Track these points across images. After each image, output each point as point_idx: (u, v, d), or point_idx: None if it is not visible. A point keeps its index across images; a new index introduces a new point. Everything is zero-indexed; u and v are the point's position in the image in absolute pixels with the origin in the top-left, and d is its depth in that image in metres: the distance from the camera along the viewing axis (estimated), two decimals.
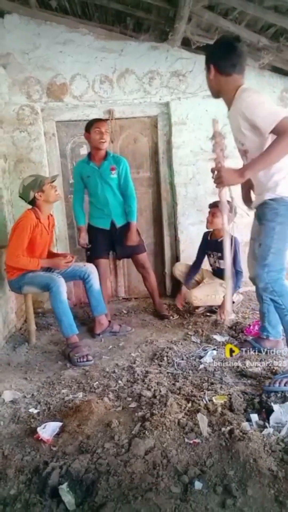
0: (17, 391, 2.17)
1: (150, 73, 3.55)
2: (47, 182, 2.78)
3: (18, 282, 2.76)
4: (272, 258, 2.05)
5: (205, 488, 1.37)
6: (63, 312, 2.60)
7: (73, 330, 2.63)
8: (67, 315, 2.62)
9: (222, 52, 2.03)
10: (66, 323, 2.61)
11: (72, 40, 3.42)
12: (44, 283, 2.66)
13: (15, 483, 1.46)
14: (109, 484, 1.39)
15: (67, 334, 2.62)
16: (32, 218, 2.72)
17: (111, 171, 3.06)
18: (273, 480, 1.39)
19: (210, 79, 2.08)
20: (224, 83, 2.04)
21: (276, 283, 2.07)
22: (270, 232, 2.05)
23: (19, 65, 3.40)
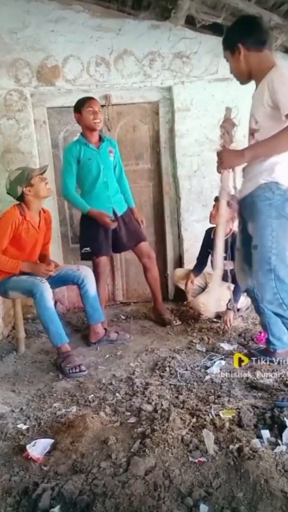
0: (4, 405, 2.18)
1: (150, 55, 3.56)
2: (35, 174, 2.77)
3: (3, 286, 2.76)
4: (276, 261, 1.90)
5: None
6: (49, 320, 2.60)
7: (62, 339, 2.63)
8: (54, 323, 2.61)
9: (248, 29, 2.02)
10: (54, 332, 2.61)
11: (65, 18, 3.42)
12: (27, 289, 2.66)
13: (2, 506, 1.46)
14: (105, 507, 1.39)
15: (56, 343, 2.63)
16: (15, 215, 2.72)
17: (110, 153, 3.08)
18: (286, 502, 1.38)
19: (239, 61, 2.03)
20: (257, 60, 2.01)
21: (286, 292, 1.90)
22: (267, 229, 1.91)
23: (6, 46, 3.40)
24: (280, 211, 1.92)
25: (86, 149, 3.03)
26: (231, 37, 2.06)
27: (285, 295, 1.91)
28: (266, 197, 1.93)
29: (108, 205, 3.08)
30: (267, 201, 1.92)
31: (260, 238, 1.94)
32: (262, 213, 1.94)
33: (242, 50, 2.01)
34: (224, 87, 3.59)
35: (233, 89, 3.51)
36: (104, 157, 3.06)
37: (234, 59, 2.05)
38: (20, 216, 2.74)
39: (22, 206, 2.79)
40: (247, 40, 1.99)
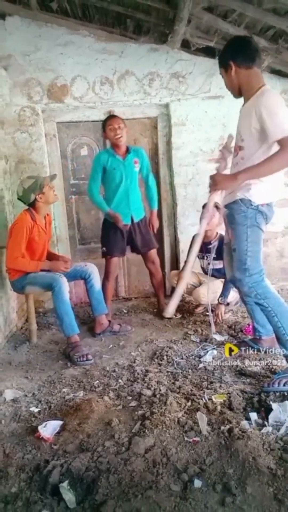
0: (18, 390, 2.18)
1: (150, 75, 3.56)
2: (46, 183, 2.79)
3: (21, 283, 2.76)
4: (250, 261, 2.03)
5: (205, 486, 1.37)
6: (65, 312, 2.60)
7: (74, 329, 2.63)
8: (68, 315, 2.62)
9: (238, 47, 2.03)
10: (67, 323, 2.61)
11: (73, 42, 3.42)
12: (46, 283, 2.66)
13: (16, 481, 1.46)
14: (109, 482, 1.39)
15: (68, 333, 2.62)
16: (28, 220, 2.73)
17: (135, 164, 3.09)
18: (272, 478, 1.39)
19: (231, 77, 2.05)
20: (246, 77, 2.02)
21: (259, 285, 2.04)
22: (243, 236, 2.04)
23: (20, 67, 3.40)
24: (253, 221, 2.02)
25: (113, 159, 3.02)
26: (225, 55, 2.08)
27: (258, 287, 2.04)
28: (241, 210, 2.02)
29: (127, 211, 3.09)
30: (242, 213, 2.02)
31: (238, 243, 2.06)
32: (238, 223, 2.05)
33: (233, 67, 2.01)
34: (216, 104, 3.60)
35: (224, 106, 3.53)
36: (129, 168, 3.06)
37: (227, 75, 2.07)
38: (31, 221, 2.74)
39: (32, 212, 2.79)
40: (237, 58, 2.00)
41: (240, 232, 2.06)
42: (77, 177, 3.76)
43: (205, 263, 3.29)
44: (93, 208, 3.82)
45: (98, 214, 3.84)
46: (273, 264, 3.83)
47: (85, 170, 3.74)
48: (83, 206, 3.81)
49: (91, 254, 3.81)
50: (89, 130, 3.70)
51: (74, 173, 3.76)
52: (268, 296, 2.04)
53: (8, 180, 3.44)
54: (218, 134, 3.66)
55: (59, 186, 3.55)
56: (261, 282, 2.05)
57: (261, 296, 2.04)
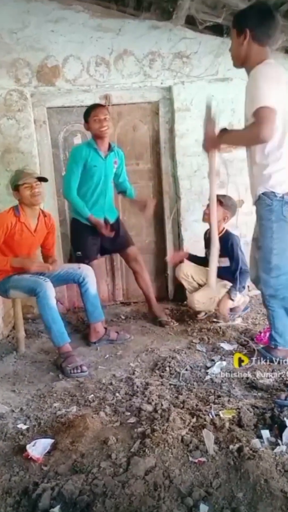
0: (4, 405, 2.17)
1: (150, 55, 3.56)
2: (23, 181, 2.73)
3: (4, 285, 2.76)
4: (276, 260, 2.04)
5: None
6: (52, 319, 2.60)
7: (64, 338, 2.63)
8: (56, 322, 2.61)
9: (261, 19, 2.04)
10: (56, 331, 2.61)
11: (65, 18, 3.42)
12: (29, 287, 2.66)
13: (2, 506, 1.46)
14: (105, 507, 1.39)
15: (57, 343, 2.62)
16: (8, 217, 2.73)
17: (114, 164, 3.11)
18: (286, 502, 1.38)
19: (240, 45, 2.06)
20: (255, 53, 2.05)
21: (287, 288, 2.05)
22: (268, 231, 2.07)
23: (6, 46, 3.40)
24: (279, 215, 2.05)
25: (94, 155, 3.01)
26: (243, 19, 2.07)
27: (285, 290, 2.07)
28: (266, 204, 2.07)
29: (101, 213, 3.12)
30: (267, 207, 2.07)
31: (263, 240, 2.10)
32: (263, 218, 2.10)
33: (248, 36, 2.03)
34: (224, 87, 3.60)
35: (233, 89, 3.53)
36: (109, 167, 3.07)
37: (237, 41, 2.08)
38: (14, 218, 2.74)
39: (18, 208, 2.80)
40: (255, 30, 2.02)
41: (265, 227, 2.09)
42: None
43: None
44: None
45: None
46: None
47: None
48: None
49: None
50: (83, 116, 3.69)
51: (66, 163, 3.75)
52: None
53: None
54: (226, 120, 3.64)
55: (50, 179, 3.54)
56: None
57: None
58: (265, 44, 2.03)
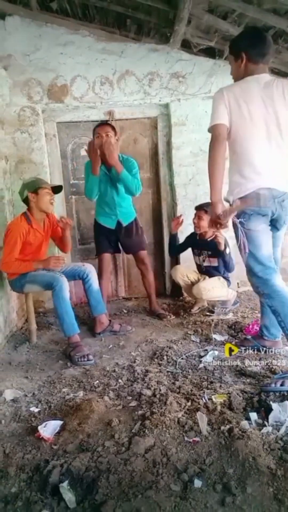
0: (18, 390, 2.17)
1: (150, 75, 3.56)
2: (44, 187, 2.76)
3: (20, 281, 2.76)
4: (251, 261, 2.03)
5: (205, 486, 1.37)
6: (65, 311, 2.60)
7: (74, 329, 2.63)
8: (69, 315, 2.61)
9: (254, 40, 2.02)
10: (68, 322, 2.61)
11: (73, 42, 3.42)
12: (46, 282, 2.66)
13: (16, 481, 1.46)
14: (109, 482, 1.39)
15: (68, 333, 2.62)
16: (23, 226, 2.71)
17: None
18: (272, 478, 1.38)
19: (239, 67, 2.05)
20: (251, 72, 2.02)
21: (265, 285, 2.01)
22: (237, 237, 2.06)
23: (20, 67, 3.40)
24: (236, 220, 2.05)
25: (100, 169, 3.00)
26: (239, 44, 2.06)
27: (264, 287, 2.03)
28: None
29: (114, 217, 3.15)
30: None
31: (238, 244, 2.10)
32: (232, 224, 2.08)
33: (244, 59, 2.02)
34: None
35: None
36: (114, 179, 3.05)
37: (236, 64, 2.07)
38: (27, 226, 2.73)
39: (28, 215, 2.78)
40: (250, 52, 2.00)
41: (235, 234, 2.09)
42: (77, 177, 3.76)
43: (200, 259, 3.32)
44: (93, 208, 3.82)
45: None
46: None
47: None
48: (83, 206, 3.81)
49: (91, 254, 3.80)
50: (89, 130, 3.67)
51: (74, 173, 3.76)
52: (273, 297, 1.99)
53: (8, 180, 3.44)
54: None
55: None
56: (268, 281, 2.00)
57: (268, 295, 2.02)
58: (259, 62, 2.01)
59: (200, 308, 3.37)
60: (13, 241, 2.67)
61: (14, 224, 2.74)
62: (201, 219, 3.15)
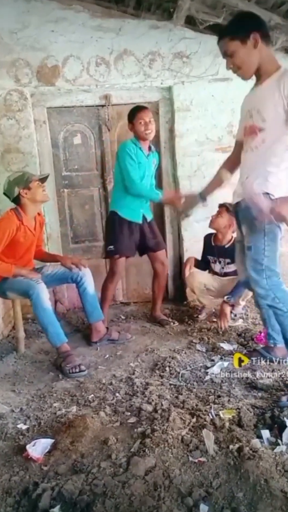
0: (4, 405, 2.17)
1: (150, 55, 3.56)
2: (34, 179, 2.78)
3: (1, 287, 2.76)
4: (267, 262, 2.04)
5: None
6: (47, 321, 2.60)
7: (60, 339, 2.63)
8: (52, 324, 2.61)
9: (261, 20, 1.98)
10: (52, 332, 2.61)
11: (65, 18, 3.42)
12: (23, 290, 2.65)
13: (2, 506, 1.46)
14: (105, 507, 1.39)
15: (55, 343, 2.63)
16: (13, 221, 2.71)
17: (153, 164, 3.17)
18: (286, 502, 1.38)
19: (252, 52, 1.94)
20: (267, 56, 1.97)
21: (278, 288, 2.06)
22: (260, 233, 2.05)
23: (6, 46, 3.40)
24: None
25: (139, 153, 3.03)
26: (244, 24, 1.93)
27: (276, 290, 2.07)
28: None
29: (139, 209, 3.14)
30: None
31: (255, 241, 2.07)
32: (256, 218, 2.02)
33: (258, 40, 1.91)
34: (224, 87, 3.60)
35: (233, 89, 3.53)
36: (150, 166, 3.12)
37: (245, 49, 1.93)
38: (17, 222, 2.73)
39: (19, 211, 2.78)
40: (262, 31, 1.92)
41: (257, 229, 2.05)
42: (70, 168, 3.77)
43: (218, 267, 3.31)
44: (88, 202, 3.83)
45: (94, 210, 3.85)
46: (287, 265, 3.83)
47: (79, 160, 3.75)
48: (77, 201, 3.81)
49: (85, 253, 3.82)
50: (83, 116, 3.70)
51: (66, 163, 3.76)
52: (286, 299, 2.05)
53: None
54: (226, 121, 3.66)
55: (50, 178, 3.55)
56: (280, 284, 2.07)
57: (280, 299, 2.06)
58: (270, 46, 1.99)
59: (208, 314, 3.37)
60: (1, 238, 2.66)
61: (3, 219, 2.74)
62: (220, 217, 3.16)
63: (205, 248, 3.39)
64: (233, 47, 1.96)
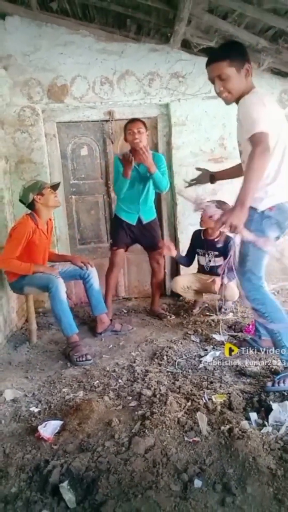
0: (18, 390, 2.18)
1: (150, 75, 3.56)
2: (47, 186, 2.79)
3: (19, 283, 2.76)
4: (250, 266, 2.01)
5: (205, 486, 1.37)
6: (62, 311, 2.60)
7: (72, 329, 2.63)
8: (66, 315, 2.62)
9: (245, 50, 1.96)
10: (66, 323, 2.61)
11: (73, 42, 3.42)
12: (43, 284, 2.66)
13: (16, 481, 1.46)
14: (109, 482, 1.39)
15: (67, 333, 2.63)
16: (30, 225, 2.72)
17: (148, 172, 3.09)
18: (272, 478, 1.39)
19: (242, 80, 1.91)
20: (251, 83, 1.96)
21: (258, 291, 2.03)
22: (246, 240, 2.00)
23: (20, 67, 3.40)
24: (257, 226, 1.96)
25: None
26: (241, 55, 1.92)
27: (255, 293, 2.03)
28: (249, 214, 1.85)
29: (135, 213, 3.15)
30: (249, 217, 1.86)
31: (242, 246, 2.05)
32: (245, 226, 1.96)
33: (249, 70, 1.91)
34: (216, 105, 3.55)
35: (224, 106, 3.45)
36: (143, 174, 3.05)
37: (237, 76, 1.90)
38: (33, 225, 2.74)
39: (34, 216, 2.79)
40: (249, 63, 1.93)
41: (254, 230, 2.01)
42: (77, 177, 3.76)
43: (205, 260, 3.27)
44: (93, 208, 3.83)
45: (99, 214, 3.85)
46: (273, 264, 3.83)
47: (85, 170, 3.75)
48: (83, 206, 3.81)
49: (91, 254, 3.81)
50: (89, 130, 3.70)
51: (74, 173, 3.76)
52: (265, 302, 2.02)
53: (8, 180, 3.44)
54: (218, 134, 3.66)
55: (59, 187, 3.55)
56: (260, 288, 2.03)
57: (259, 301, 2.03)
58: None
59: (201, 308, 3.37)
60: (18, 239, 2.67)
61: (21, 223, 2.74)
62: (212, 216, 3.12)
63: (193, 242, 3.35)
64: (229, 72, 1.92)
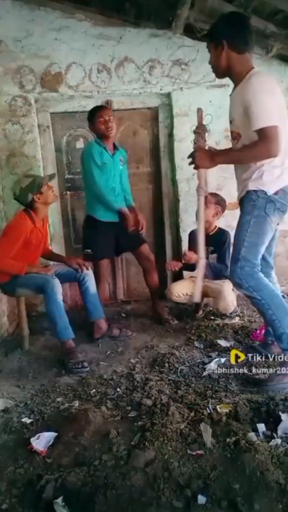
0: (9, 400, 2.18)
1: (150, 62, 3.56)
2: (45, 183, 2.80)
3: (11, 285, 2.76)
4: (244, 252, 2.07)
5: (209, 503, 1.37)
6: (58, 314, 2.60)
7: (68, 334, 2.63)
8: (62, 318, 2.62)
9: (235, 27, 2.04)
10: (61, 327, 2.61)
11: (68, 26, 3.42)
12: (37, 285, 2.66)
13: (7, 497, 1.46)
14: (107, 498, 1.39)
15: (62, 338, 2.62)
16: (28, 224, 2.73)
17: (120, 162, 3.13)
18: (281, 494, 1.38)
19: (220, 56, 2.06)
20: (237, 61, 2.05)
21: (251, 277, 2.07)
22: (245, 225, 2.09)
23: (11, 53, 3.40)
24: (261, 211, 2.06)
25: (104, 153, 3.01)
26: (218, 31, 2.07)
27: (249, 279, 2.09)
28: (251, 199, 2.08)
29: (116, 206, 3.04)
30: (252, 202, 2.08)
31: (238, 232, 2.13)
32: (245, 212, 2.12)
33: (225, 46, 2.03)
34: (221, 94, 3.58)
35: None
36: (116, 165, 3.08)
37: (216, 52, 2.08)
38: (31, 225, 2.75)
39: (31, 213, 2.79)
40: (232, 39, 2.02)
41: (243, 221, 2.11)
42: (73, 171, 3.77)
43: None
44: None
45: None
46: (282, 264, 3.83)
47: None
48: (79, 203, 3.80)
49: None
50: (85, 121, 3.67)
51: (69, 166, 3.76)
52: (261, 288, 2.08)
53: None
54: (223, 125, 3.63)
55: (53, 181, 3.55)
56: (254, 274, 2.08)
57: (254, 288, 2.08)
58: (243, 51, 2.04)
59: (205, 312, 3.37)
60: (14, 239, 2.67)
61: (18, 222, 2.75)
62: (207, 208, 3.10)
63: (191, 243, 3.34)
64: (210, 47, 2.13)
